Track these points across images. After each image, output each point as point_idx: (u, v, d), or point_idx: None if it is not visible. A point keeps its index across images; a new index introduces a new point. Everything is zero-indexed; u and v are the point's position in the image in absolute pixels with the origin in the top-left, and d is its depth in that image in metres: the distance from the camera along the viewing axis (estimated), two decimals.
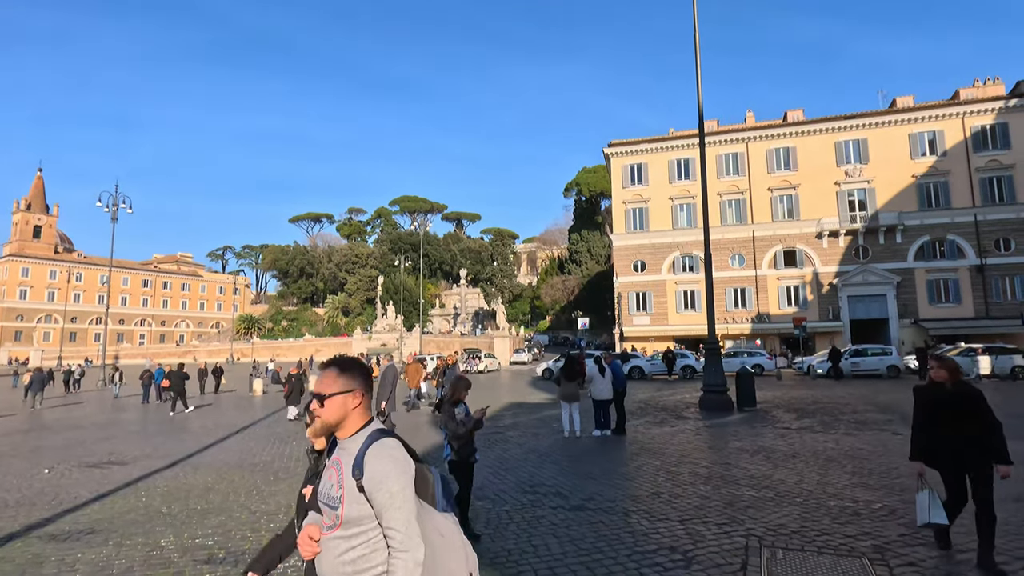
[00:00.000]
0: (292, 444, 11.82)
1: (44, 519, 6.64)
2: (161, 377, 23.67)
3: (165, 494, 7.68)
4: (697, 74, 17.22)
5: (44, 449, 12.22)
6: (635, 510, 6.31)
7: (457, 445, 5.48)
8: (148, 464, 10.00)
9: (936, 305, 40.14)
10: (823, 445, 9.91)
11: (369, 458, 1.84)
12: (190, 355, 78.25)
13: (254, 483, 8.26)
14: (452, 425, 5.42)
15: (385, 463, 1.82)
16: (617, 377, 11.66)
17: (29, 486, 8.53)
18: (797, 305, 43.25)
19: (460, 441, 5.45)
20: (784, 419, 13.34)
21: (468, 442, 5.48)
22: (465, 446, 5.49)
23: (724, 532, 5.47)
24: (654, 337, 45.08)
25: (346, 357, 2.08)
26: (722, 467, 8.41)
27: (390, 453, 1.86)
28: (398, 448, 1.90)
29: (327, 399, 1.94)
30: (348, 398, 1.95)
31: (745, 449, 9.74)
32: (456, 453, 5.49)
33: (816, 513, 6.02)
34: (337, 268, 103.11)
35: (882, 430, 11.41)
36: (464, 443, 5.46)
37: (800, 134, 44.40)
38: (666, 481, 7.64)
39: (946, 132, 41.05)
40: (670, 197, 46.94)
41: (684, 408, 16.16)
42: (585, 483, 7.66)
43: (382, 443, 1.88)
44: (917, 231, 41.00)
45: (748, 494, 6.86)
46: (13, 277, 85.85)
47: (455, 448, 5.50)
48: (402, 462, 1.85)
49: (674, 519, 5.94)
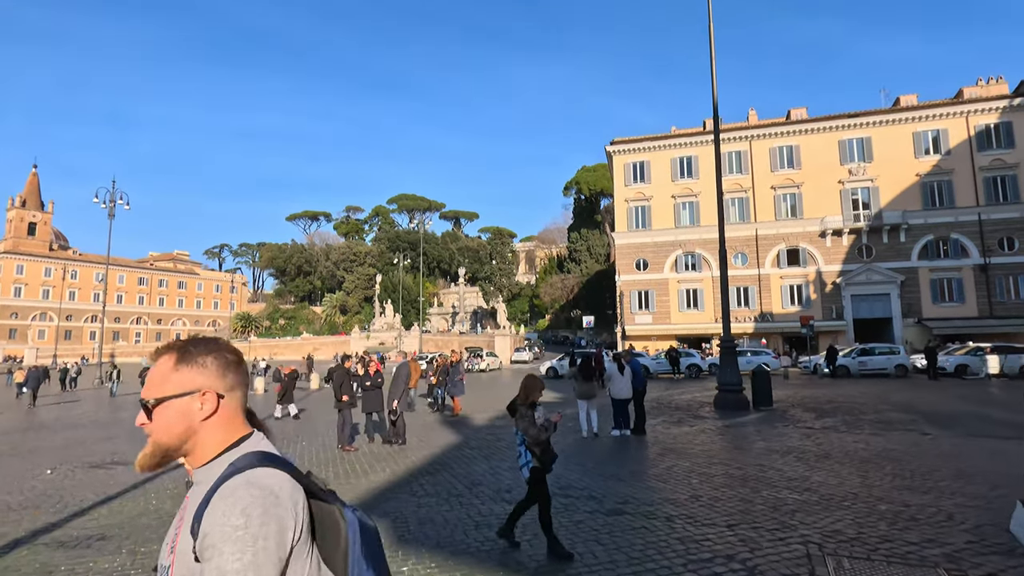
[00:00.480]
0: (302, 443, 11.46)
1: (50, 524, 6.28)
2: None
3: (175, 497, 7.32)
4: (712, 69, 16.91)
5: (44, 449, 11.83)
6: (677, 515, 5.99)
7: (539, 451, 4.93)
8: None
9: (940, 304, 40.01)
10: (853, 446, 9.62)
11: (212, 507, 1.06)
12: None
13: None
14: (533, 431, 4.88)
15: (231, 516, 1.03)
16: (637, 376, 11.36)
17: (32, 488, 8.16)
18: (800, 304, 43.06)
19: (541, 447, 4.93)
20: (804, 419, 13.05)
21: (548, 448, 5.01)
22: (547, 452, 4.96)
23: (779, 539, 5.15)
24: (656, 336, 44.80)
25: (195, 338, 1.31)
26: (755, 468, 8.11)
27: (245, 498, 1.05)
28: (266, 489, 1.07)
29: (156, 407, 1.19)
30: (191, 403, 1.20)
31: (774, 450, 9.44)
32: (539, 460, 4.94)
33: (869, 518, 5.71)
34: (335, 266, 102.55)
35: (908, 430, 11.13)
36: (545, 449, 4.96)
37: (803, 132, 44.20)
38: (701, 483, 7.33)
39: (950, 131, 40.91)
40: (672, 195, 46.67)
41: (699, 407, 15.87)
42: (617, 486, 7.34)
43: (243, 479, 1.09)
44: (921, 230, 40.86)
45: (791, 497, 6.55)
46: (7, 274, 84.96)
47: (536, 455, 4.95)
48: (261, 515, 1.03)
49: (721, 524, 5.63)
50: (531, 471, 4.95)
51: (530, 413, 5.01)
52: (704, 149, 46.46)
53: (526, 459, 5.00)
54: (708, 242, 45.27)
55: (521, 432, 5.00)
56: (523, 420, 4.97)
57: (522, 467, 5.04)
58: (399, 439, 10.85)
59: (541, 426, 4.94)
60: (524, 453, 5.02)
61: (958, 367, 25.67)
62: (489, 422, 13.99)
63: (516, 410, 5.13)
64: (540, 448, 4.93)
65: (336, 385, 10.65)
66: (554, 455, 5.04)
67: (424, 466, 8.96)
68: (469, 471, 8.47)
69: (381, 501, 6.89)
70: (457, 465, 8.95)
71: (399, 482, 7.91)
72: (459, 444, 10.89)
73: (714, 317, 44.69)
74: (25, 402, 23.64)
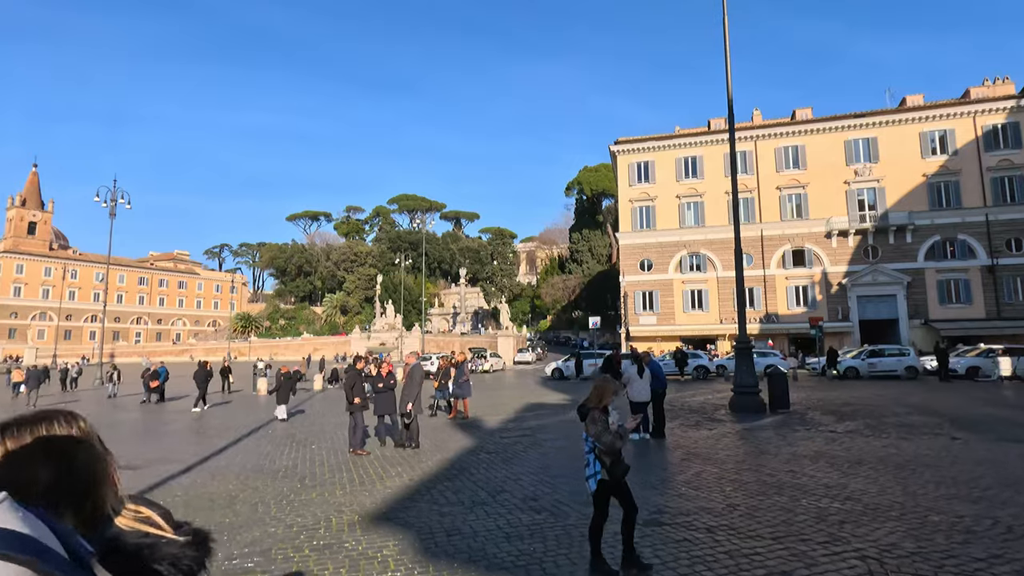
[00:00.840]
0: (312, 447, 11.13)
1: None
2: (165, 375, 22.93)
3: (186, 504, 7.00)
4: (727, 67, 16.61)
5: None
6: (717, 525, 5.68)
7: (610, 461, 4.46)
8: (161, 469, 9.31)
9: (947, 306, 39.72)
10: (883, 451, 9.32)
11: None
12: (187, 353, 77.30)
13: (281, 491, 7.59)
14: (607, 438, 4.40)
15: None
16: (657, 377, 11.04)
17: None
18: (806, 305, 42.78)
19: (613, 456, 4.47)
20: (825, 422, 12.74)
21: (620, 457, 4.52)
22: (618, 462, 4.49)
23: (833, 553, 4.85)
24: (661, 337, 44.45)
25: None
26: (787, 475, 7.80)
27: None
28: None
29: None
30: None
31: (802, 455, 9.14)
32: (608, 471, 4.47)
33: (923, 530, 5.40)
34: (335, 266, 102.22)
35: (936, 434, 10.83)
36: (616, 458, 4.48)
37: (809, 132, 43.92)
38: (735, 491, 7.02)
39: (957, 131, 40.65)
40: (677, 195, 46.38)
41: (713, 410, 15.57)
42: (647, 494, 7.02)
43: None
44: (927, 231, 40.58)
45: (834, 506, 6.25)
46: (7, 274, 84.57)
47: (606, 464, 4.48)
48: None
49: (767, 536, 5.32)
50: (599, 483, 4.50)
51: (603, 418, 4.53)
52: (709, 149, 46.22)
53: (595, 469, 4.53)
54: (713, 242, 45.03)
55: (592, 439, 4.51)
56: (595, 425, 4.47)
57: (588, 478, 4.58)
58: (412, 443, 10.53)
59: (616, 433, 4.45)
60: (593, 463, 4.54)
61: (969, 369, 25.39)
62: (501, 425, 13.68)
63: (586, 414, 4.64)
64: (611, 457, 4.47)
65: (348, 387, 10.33)
66: (626, 466, 4.55)
67: (441, 471, 8.64)
68: (489, 477, 8.15)
69: (400, 510, 6.58)
70: (476, 470, 8.63)
71: (418, 488, 7.60)
72: (474, 448, 10.57)
73: (719, 318, 44.45)
74: (23, 402, 23.31)
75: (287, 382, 16.33)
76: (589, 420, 4.56)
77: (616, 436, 4.43)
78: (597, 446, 4.49)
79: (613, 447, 4.42)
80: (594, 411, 4.58)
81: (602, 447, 4.45)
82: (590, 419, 4.55)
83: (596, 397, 4.66)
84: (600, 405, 4.61)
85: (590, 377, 29.94)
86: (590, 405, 4.65)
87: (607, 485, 4.50)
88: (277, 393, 16.16)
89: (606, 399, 4.63)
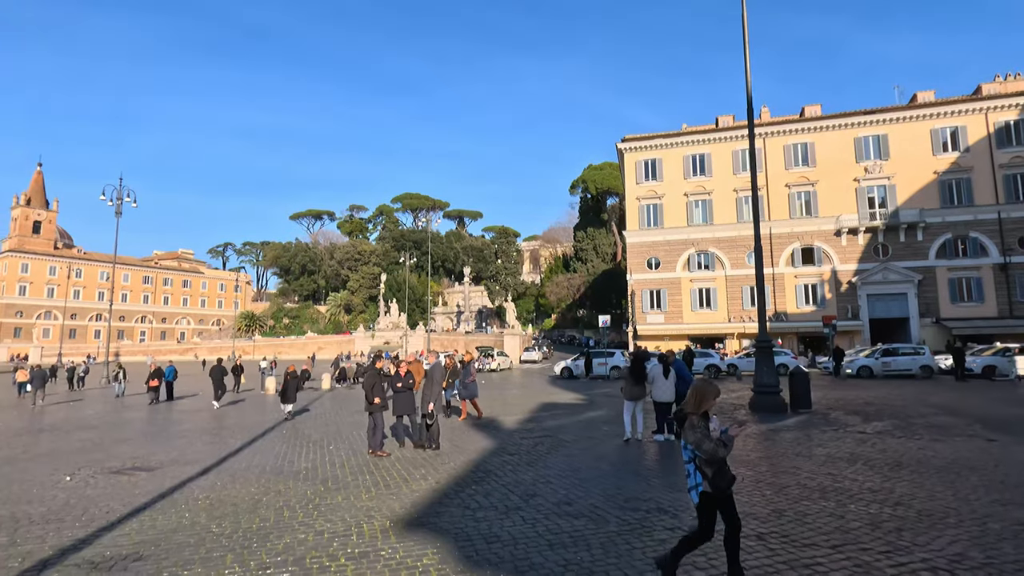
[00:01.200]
0: (329, 448, 10.92)
1: (78, 540, 5.74)
2: (173, 374, 22.77)
3: (209, 508, 6.78)
4: (745, 59, 16.32)
5: (59, 452, 11.32)
6: (768, 532, 5.44)
7: (711, 472, 4.05)
8: (178, 471, 9.10)
9: (958, 304, 39.37)
10: (920, 453, 9.05)
11: None
12: (191, 352, 77.30)
13: (304, 494, 7.37)
14: (709, 446, 4.00)
15: None
16: (683, 377, 10.79)
17: (52, 497, 7.63)
18: (815, 304, 42.47)
19: (715, 466, 4.06)
20: (851, 423, 12.48)
21: (724, 467, 4.12)
22: (721, 472, 4.07)
23: (899, 563, 4.60)
24: (668, 336, 44.16)
25: None
26: (827, 478, 7.55)
27: None
28: None
29: None
30: None
31: (837, 457, 8.88)
32: (711, 483, 4.04)
33: (986, 538, 5.15)
34: (339, 265, 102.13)
35: (970, 436, 10.55)
36: (719, 468, 4.07)
37: (818, 130, 43.57)
38: (776, 496, 6.77)
39: (969, 128, 40.26)
40: (685, 193, 46.08)
41: (732, 410, 15.31)
42: (685, 497, 6.77)
43: None
44: (939, 228, 40.23)
45: (885, 512, 6.00)
46: (12, 273, 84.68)
47: (708, 475, 4.05)
48: None
49: (823, 545, 5.07)
50: (701, 496, 4.09)
51: (704, 424, 4.13)
52: (717, 146, 45.91)
53: (695, 481, 4.12)
54: (721, 241, 44.74)
55: (692, 447, 4.11)
56: (695, 432, 4.09)
57: (690, 490, 4.20)
58: (433, 444, 10.31)
59: (718, 440, 4.05)
60: (694, 473, 4.13)
61: (986, 368, 25.07)
62: (519, 425, 13.45)
63: (684, 419, 4.25)
64: (714, 468, 4.06)
65: (368, 387, 10.10)
66: (731, 477, 4.14)
67: (467, 474, 8.41)
68: (517, 480, 7.92)
69: (432, 515, 6.35)
70: (502, 473, 8.40)
71: (446, 492, 7.37)
72: (496, 449, 10.34)
73: (727, 317, 44.17)
74: (28, 401, 23.19)
75: (292, 381, 16.24)
76: (687, 427, 4.16)
77: (719, 444, 4.02)
78: (697, 455, 4.09)
79: (716, 456, 4.02)
80: (692, 416, 4.17)
81: (703, 456, 4.04)
82: (688, 425, 4.15)
83: (695, 401, 4.23)
84: (699, 410, 4.18)
85: (600, 376, 29.68)
86: (688, 410, 4.24)
87: (711, 498, 4.10)
88: (282, 392, 16.12)
89: (706, 403, 4.19)
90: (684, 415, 4.24)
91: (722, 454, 4.02)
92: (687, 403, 4.26)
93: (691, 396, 4.27)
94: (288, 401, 15.96)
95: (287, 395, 15.96)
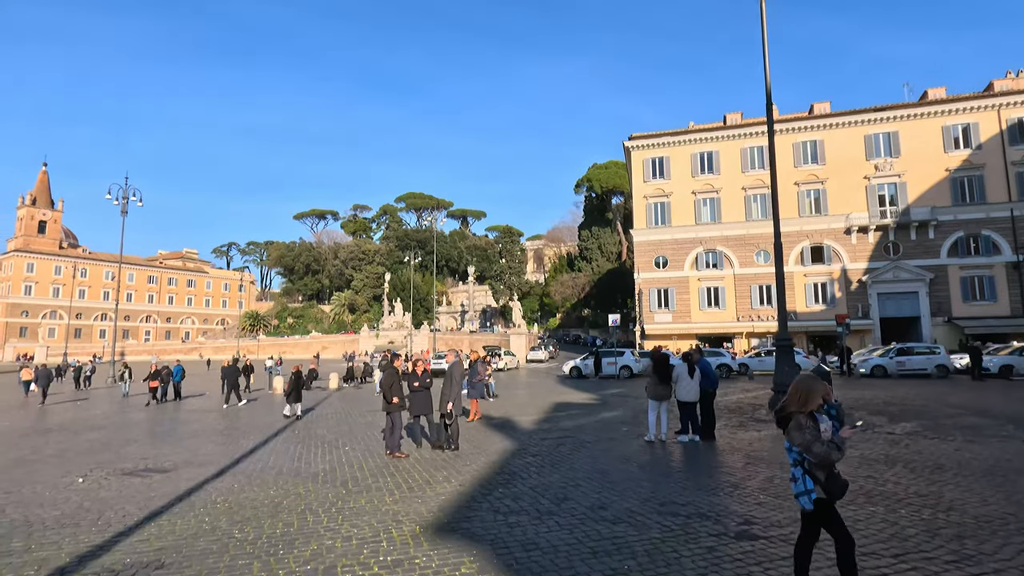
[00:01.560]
0: (344, 449, 10.67)
1: (95, 546, 5.49)
2: (180, 374, 22.57)
3: (228, 512, 6.53)
4: (764, 51, 16.00)
5: (69, 453, 11.10)
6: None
7: (824, 476, 3.68)
8: (193, 472, 8.86)
9: (970, 303, 38.92)
10: (959, 455, 8.75)
11: None
12: (196, 352, 77.24)
13: (326, 497, 7.12)
14: (821, 449, 3.61)
15: None
16: (708, 376, 10.51)
17: (66, 499, 7.39)
18: (825, 303, 42.06)
19: (827, 470, 3.69)
20: (876, 423, 12.17)
21: (835, 471, 3.73)
22: (833, 477, 3.69)
23: (972, 575, 4.31)
24: (676, 335, 43.86)
25: None
26: (868, 481, 7.27)
27: None
28: None
29: None
30: None
31: (872, 459, 8.59)
32: (825, 488, 3.67)
33: None
34: (343, 265, 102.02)
35: (1004, 437, 10.24)
36: (831, 473, 3.70)
37: (827, 127, 43.14)
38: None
39: (981, 125, 39.79)
40: (693, 191, 45.70)
41: (752, 410, 15.03)
42: (725, 501, 6.51)
43: None
44: (950, 226, 39.77)
45: (939, 518, 5.71)
46: (18, 272, 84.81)
47: (820, 480, 3.68)
48: None
49: (884, 554, 4.79)
50: (815, 503, 3.70)
51: (812, 424, 3.69)
52: (725, 144, 45.52)
53: (806, 486, 3.71)
54: (729, 239, 44.37)
55: (800, 449, 3.72)
56: (802, 433, 3.66)
57: (798, 496, 3.79)
58: (452, 445, 10.05)
59: (830, 443, 3.64)
60: (803, 478, 3.73)
61: (1003, 368, 24.69)
62: (536, 426, 13.18)
63: (789, 419, 3.81)
64: (826, 471, 3.68)
65: (386, 386, 9.84)
66: (843, 482, 3.73)
67: (491, 476, 8.15)
68: (544, 482, 7.64)
69: (462, 520, 6.08)
70: (527, 475, 8.13)
71: (472, 495, 7.10)
72: (516, 451, 10.07)
73: (736, 316, 43.79)
74: (34, 401, 23.05)
75: (296, 380, 16.03)
76: (794, 428, 3.72)
77: (831, 447, 3.61)
78: (806, 458, 3.71)
79: (828, 459, 3.61)
80: (799, 416, 3.72)
81: (813, 460, 3.66)
82: (795, 426, 3.71)
83: (799, 399, 3.78)
84: (806, 409, 3.74)
85: (609, 376, 29.37)
86: (792, 408, 3.78)
87: (826, 504, 3.71)
88: (287, 392, 15.90)
89: (812, 402, 3.73)
90: (787, 414, 3.84)
91: (836, 458, 3.64)
92: (789, 401, 3.85)
93: (795, 393, 3.82)
94: (294, 400, 15.73)
95: (293, 394, 15.74)
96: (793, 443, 3.76)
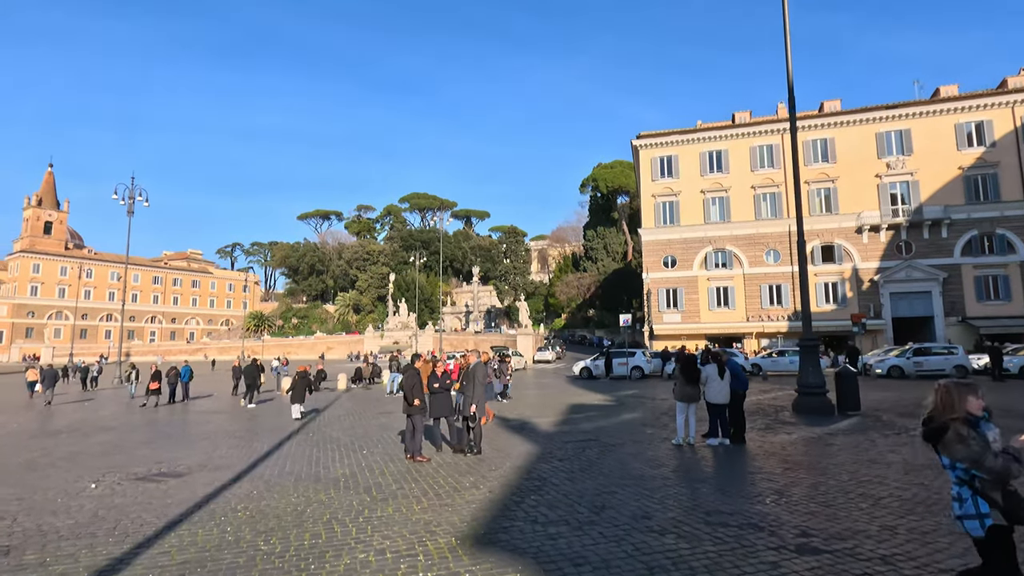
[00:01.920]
0: (363, 452, 10.36)
1: (114, 559, 5.18)
2: (188, 375, 22.32)
3: (251, 522, 6.22)
4: (786, 45, 15.63)
5: (80, 456, 10.82)
6: (890, 554, 4.81)
7: (1000, 495, 3.05)
8: (209, 477, 8.56)
9: (984, 302, 38.42)
10: None
11: None
12: (201, 352, 77.17)
13: (351, 505, 6.80)
14: (996, 463, 2.97)
15: None
16: (738, 377, 10.17)
17: (79, 506, 7.09)
18: (836, 303, 41.61)
19: (1002, 487, 3.06)
20: (908, 426, 11.80)
21: (1013, 490, 3.10)
22: (1012, 497, 3.06)
23: None
24: (685, 335, 43.45)
25: None
26: (921, 489, 6.91)
27: None
28: None
29: None
30: None
31: (917, 465, 8.22)
32: (1004, 512, 3.03)
33: None
34: (348, 265, 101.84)
35: None
36: (1008, 492, 3.07)
37: (838, 125, 42.68)
38: (875, 508, 6.14)
39: (995, 122, 39.29)
40: (701, 190, 45.30)
41: (775, 411, 14.66)
42: (774, 510, 6.16)
43: None
44: (964, 225, 39.28)
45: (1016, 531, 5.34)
46: (24, 273, 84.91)
47: (997, 502, 3.05)
48: None
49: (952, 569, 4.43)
50: (989, 530, 3.05)
51: (975, 434, 3.06)
52: (734, 143, 45.10)
53: (976, 508, 3.07)
54: (739, 238, 43.95)
55: (964, 465, 3.09)
56: (967, 446, 3.03)
57: (960, 518, 3.16)
58: (475, 448, 9.73)
59: (1005, 453, 2.99)
60: (971, 498, 3.10)
61: (1023, 368, 24.25)
62: (555, 428, 12.85)
63: (943, 429, 3.16)
64: (1001, 489, 3.04)
65: (408, 388, 9.53)
66: (1021, 499, 3.08)
67: (520, 482, 7.81)
68: (578, 489, 7.30)
69: (499, 530, 5.75)
70: (557, 481, 7.80)
71: (504, 503, 6.77)
72: (541, 454, 9.74)
73: (745, 316, 43.36)
74: (40, 401, 22.86)
75: (301, 381, 15.82)
76: (953, 439, 3.08)
77: (1010, 459, 2.95)
78: (976, 475, 3.08)
79: (1006, 474, 2.95)
80: (956, 424, 3.10)
81: (986, 475, 3.00)
82: (955, 437, 3.07)
83: (947, 404, 3.17)
84: (959, 415, 3.12)
85: (620, 377, 29.01)
86: (945, 416, 3.16)
87: (1003, 532, 3.04)
88: (292, 393, 15.75)
89: (965, 406, 3.13)
90: (941, 425, 3.17)
91: (1016, 473, 2.95)
92: (937, 410, 3.23)
93: (941, 399, 3.22)
94: (296, 401, 15.53)
95: (296, 395, 15.55)
96: (955, 457, 3.11)
